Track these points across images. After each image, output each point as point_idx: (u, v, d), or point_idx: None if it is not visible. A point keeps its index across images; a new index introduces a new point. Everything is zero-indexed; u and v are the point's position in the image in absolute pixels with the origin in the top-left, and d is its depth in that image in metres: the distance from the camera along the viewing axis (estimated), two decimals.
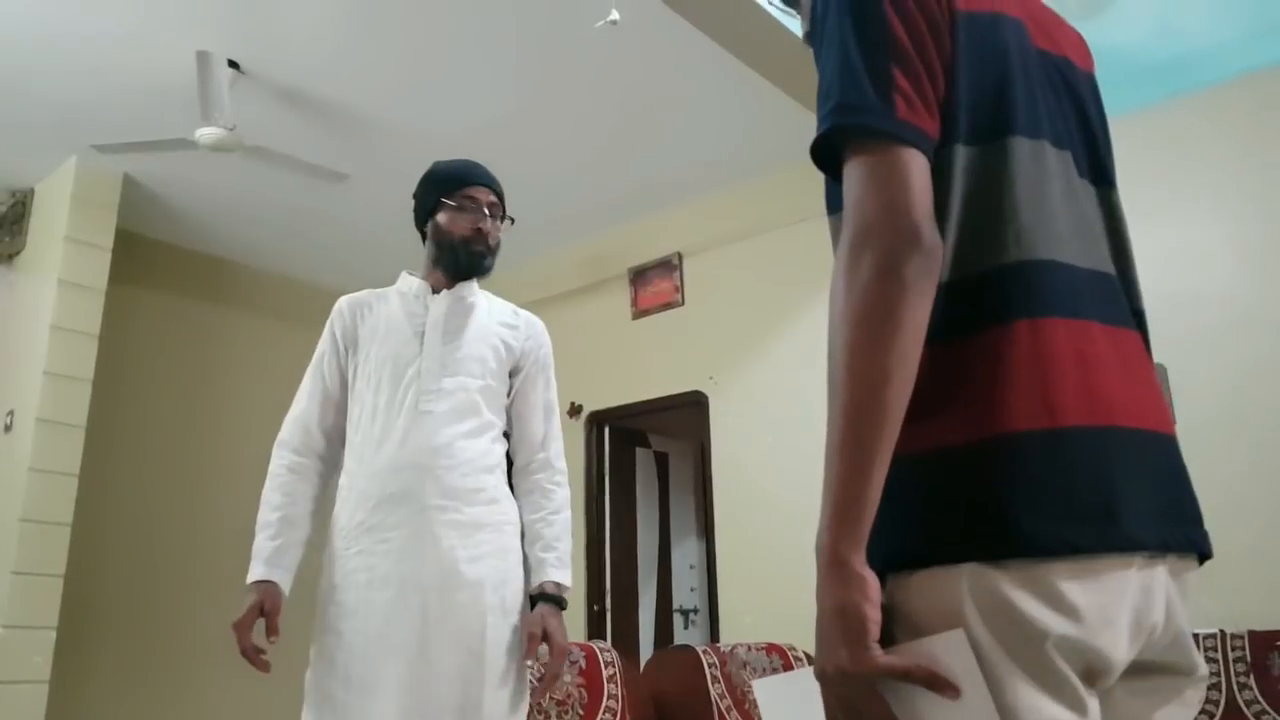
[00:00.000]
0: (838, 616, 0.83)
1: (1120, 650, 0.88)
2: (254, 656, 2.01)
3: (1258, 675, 3.11)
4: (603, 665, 3.29)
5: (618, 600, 5.71)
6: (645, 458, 6.46)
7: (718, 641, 4.75)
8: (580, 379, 5.81)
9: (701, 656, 3.51)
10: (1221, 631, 3.21)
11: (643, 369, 5.51)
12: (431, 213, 2.29)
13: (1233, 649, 3.17)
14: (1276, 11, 3.63)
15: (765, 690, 1.06)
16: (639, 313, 5.67)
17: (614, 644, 4.70)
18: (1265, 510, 3.40)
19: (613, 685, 3.25)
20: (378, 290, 2.36)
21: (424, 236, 2.33)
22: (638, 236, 5.74)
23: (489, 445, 2.19)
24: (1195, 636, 3.18)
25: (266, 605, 2.04)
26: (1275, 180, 3.65)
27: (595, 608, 5.57)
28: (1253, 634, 3.18)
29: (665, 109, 4.60)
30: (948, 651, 0.82)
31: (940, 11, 0.97)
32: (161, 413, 5.73)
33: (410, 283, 2.32)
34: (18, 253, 5.30)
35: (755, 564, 4.78)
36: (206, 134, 4.11)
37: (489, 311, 2.31)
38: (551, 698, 3.05)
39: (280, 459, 2.21)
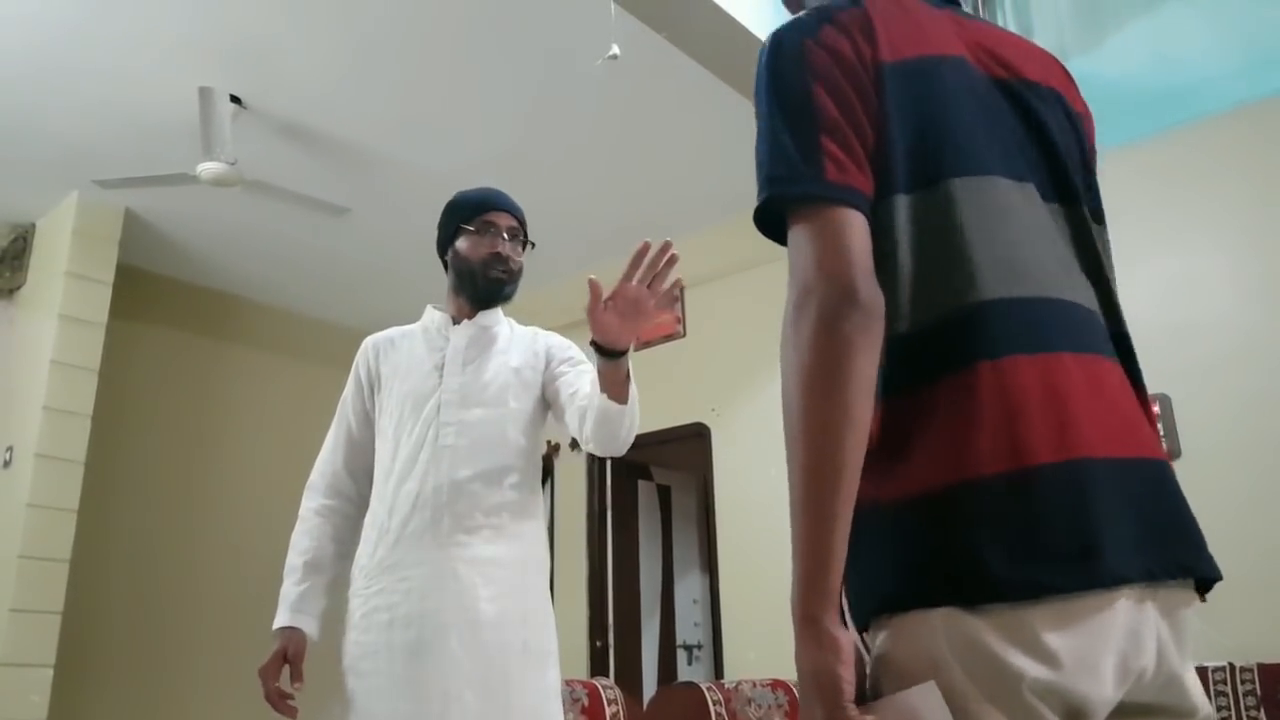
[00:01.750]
0: (812, 679, 0.85)
1: (1104, 693, 0.86)
2: (278, 702, 1.99)
3: (1268, 709, 3.07)
4: (605, 703, 3.25)
5: (620, 636, 5.66)
6: (647, 490, 6.43)
7: (722, 678, 4.70)
8: None
9: (705, 693, 3.47)
10: (1230, 664, 3.17)
11: (644, 400, 5.43)
12: (451, 240, 2.26)
13: (1242, 682, 3.13)
14: (1273, 42, 3.65)
15: None
16: (640, 344, 5.63)
17: (617, 680, 4.66)
18: (1271, 540, 3.36)
19: None
20: (404, 327, 2.31)
21: (445, 266, 2.30)
22: None
23: (513, 478, 2.11)
24: (1204, 670, 3.13)
25: (290, 652, 2.02)
26: (1273, 210, 3.65)
27: (598, 643, 5.51)
28: (1262, 667, 3.14)
29: (665, 142, 4.62)
30: (921, 704, 0.83)
31: (865, 71, 1.00)
32: (161, 448, 5.72)
33: (433, 316, 2.28)
34: (19, 287, 5.31)
35: (759, 598, 4.74)
36: (208, 169, 4.13)
37: (510, 339, 2.26)
38: None
39: (309, 502, 2.19)
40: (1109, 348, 1.01)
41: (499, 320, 2.28)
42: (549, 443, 5.93)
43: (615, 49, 3.17)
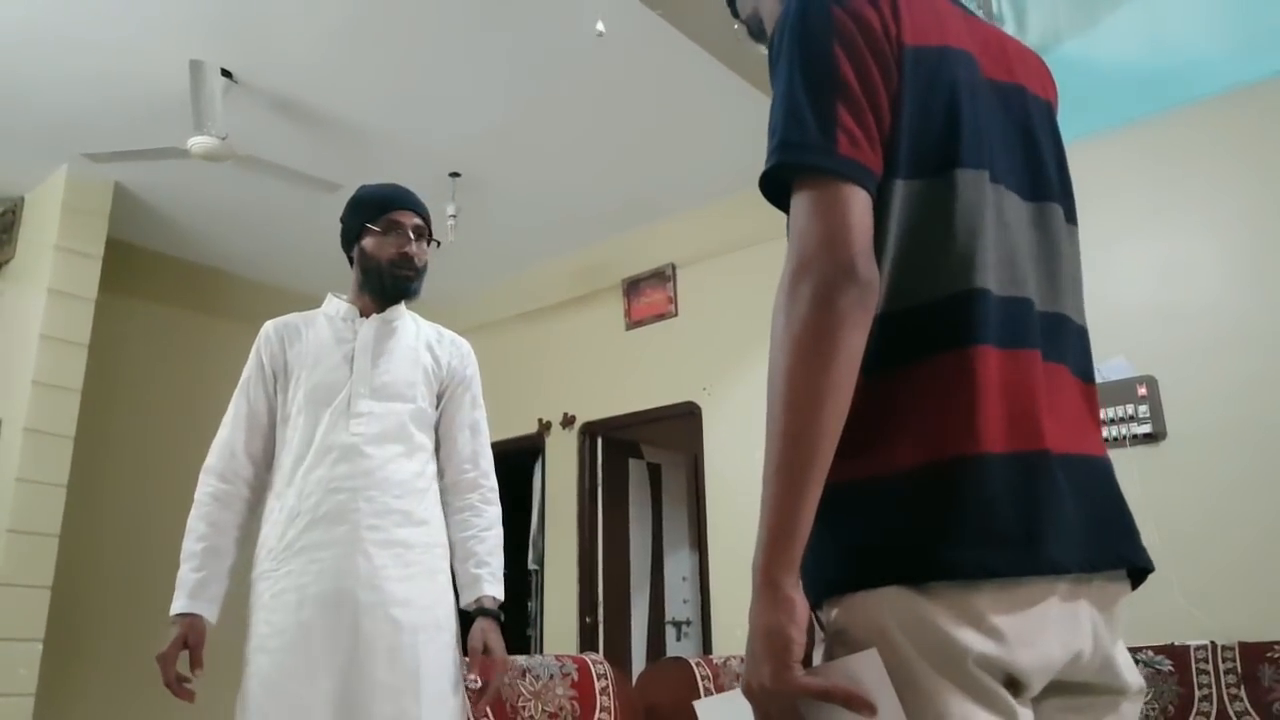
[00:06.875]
0: (765, 637, 0.88)
1: (1043, 666, 0.91)
2: (177, 688, 2.04)
3: (1248, 686, 3.10)
4: (595, 677, 3.27)
5: (610, 612, 5.69)
6: (638, 469, 6.45)
7: (710, 653, 4.73)
8: (573, 390, 5.81)
9: (694, 668, 3.49)
10: (1212, 643, 3.21)
11: (636, 380, 5.50)
12: (357, 238, 2.31)
13: (1223, 660, 3.17)
14: (1267, 25, 3.65)
15: (705, 710, 1.11)
16: (632, 323, 5.66)
17: (606, 656, 4.67)
18: (1255, 522, 3.40)
19: (605, 697, 3.24)
20: (305, 314, 2.37)
21: (350, 261, 2.35)
22: (631, 247, 5.74)
23: (419, 467, 2.22)
24: (1186, 648, 3.16)
25: (190, 639, 2.07)
26: (1266, 193, 3.66)
27: (587, 619, 5.54)
28: (1243, 645, 3.18)
29: (659, 120, 4.60)
30: (863, 670, 0.86)
31: (889, 46, 0.99)
32: (151, 423, 5.70)
33: (338, 306, 2.33)
34: (7, 261, 5.27)
35: (747, 576, 4.73)
36: (199, 143, 4.10)
37: (416, 335, 2.34)
38: (544, 710, 3.04)
39: (205, 486, 2.22)
40: (1070, 355, 1.05)
41: (402, 315, 2.35)
42: (540, 420, 5.95)
43: (600, 26, 3.15)
